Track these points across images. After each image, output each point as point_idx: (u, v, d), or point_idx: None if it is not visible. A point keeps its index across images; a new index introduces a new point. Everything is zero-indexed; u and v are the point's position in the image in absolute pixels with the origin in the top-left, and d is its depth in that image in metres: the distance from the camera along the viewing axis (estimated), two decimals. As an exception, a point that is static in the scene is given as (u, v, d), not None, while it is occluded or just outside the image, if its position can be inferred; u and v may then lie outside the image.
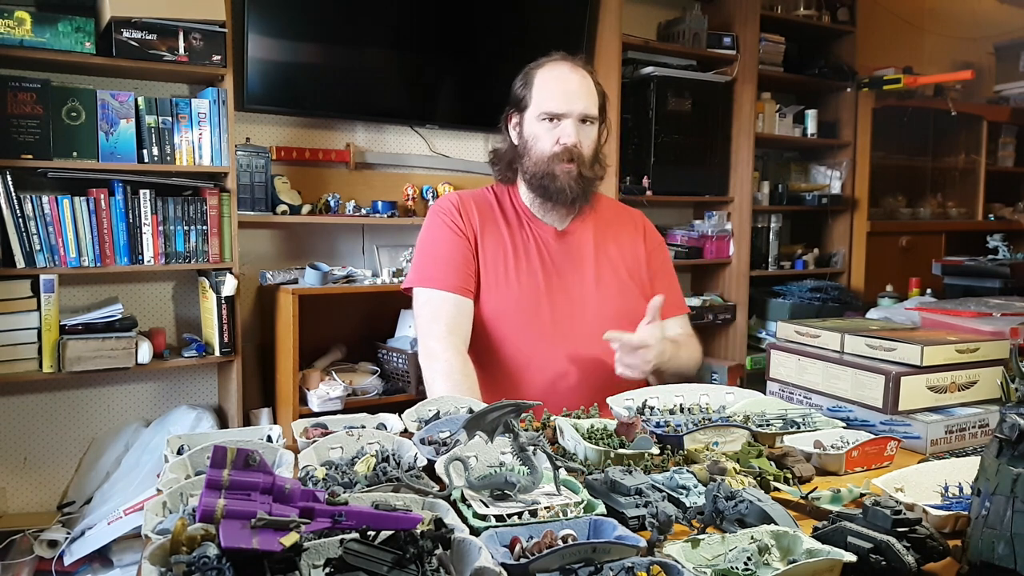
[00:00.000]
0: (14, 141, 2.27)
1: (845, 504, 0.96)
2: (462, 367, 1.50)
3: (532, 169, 1.61)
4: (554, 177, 1.59)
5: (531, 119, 1.62)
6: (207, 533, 0.69)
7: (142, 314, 2.68)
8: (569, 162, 1.58)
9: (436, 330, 1.55)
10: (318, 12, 2.77)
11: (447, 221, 1.64)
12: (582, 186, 1.61)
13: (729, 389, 1.40)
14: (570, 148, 1.58)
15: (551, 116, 1.59)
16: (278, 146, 2.87)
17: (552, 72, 1.62)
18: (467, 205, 1.67)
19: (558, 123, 1.59)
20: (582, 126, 1.60)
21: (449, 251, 1.61)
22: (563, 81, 1.60)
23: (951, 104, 4.10)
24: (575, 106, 1.58)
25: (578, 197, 1.62)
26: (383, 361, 2.86)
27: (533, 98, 1.61)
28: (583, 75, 1.62)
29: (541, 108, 1.60)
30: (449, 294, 1.57)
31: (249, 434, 1.14)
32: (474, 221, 1.64)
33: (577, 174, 1.59)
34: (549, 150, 1.59)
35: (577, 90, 1.60)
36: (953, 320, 1.63)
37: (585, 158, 1.61)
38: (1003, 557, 0.73)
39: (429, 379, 1.53)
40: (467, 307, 1.59)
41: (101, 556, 2.34)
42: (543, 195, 1.63)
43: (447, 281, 1.58)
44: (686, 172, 3.52)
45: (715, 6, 3.68)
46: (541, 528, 0.82)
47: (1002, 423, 0.77)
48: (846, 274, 3.97)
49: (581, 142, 1.60)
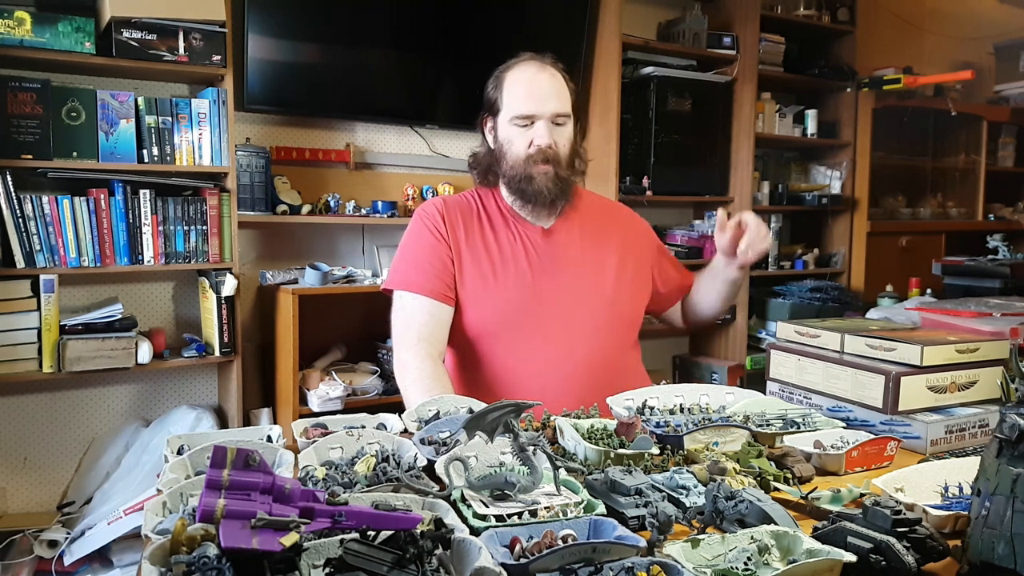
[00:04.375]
0: (14, 141, 2.27)
1: (845, 504, 0.96)
2: (433, 371, 1.50)
3: (509, 172, 1.61)
4: (531, 179, 1.58)
5: (504, 123, 1.61)
6: (207, 533, 0.69)
7: (142, 314, 2.68)
8: (544, 163, 1.58)
9: (407, 339, 1.56)
10: (318, 12, 2.77)
11: (429, 226, 1.63)
12: (560, 186, 1.60)
13: (729, 389, 1.40)
14: (544, 150, 1.57)
15: (523, 119, 1.58)
16: (278, 146, 2.87)
17: (521, 74, 1.60)
18: (452, 211, 1.66)
19: (531, 125, 1.58)
20: (555, 127, 1.59)
21: (428, 256, 1.60)
22: (532, 82, 1.59)
23: (951, 104, 4.10)
24: (545, 107, 1.57)
25: (557, 197, 1.62)
26: (383, 361, 2.86)
27: (504, 101, 1.60)
28: (552, 74, 1.60)
29: (512, 111, 1.59)
30: (424, 299, 1.57)
31: (249, 434, 1.14)
32: (458, 227, 1.64)
33: (554, 175, 1.58)
34: (524, 152, 1.59)
35: (547, 90, 1.58)
36: (953, 320, 1.63)
37: (561, 158, 1.60)
38: (1003, 557, 0.73)
39: (403, 388, 1.53)
40: (442, 313, 1.58)
41: (101, 556, 2.34)
42: (522, 197, 1.63)
43: (423, 286, 1.57)
44: (686, 172, 3.52)
45: (715, 6, 3.68)
46: (541, 528, 0.82)
47: (1002, 423, 0.76)
48: (846, 274, 3.97)
49: (556, 142, 1.58)
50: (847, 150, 3.95)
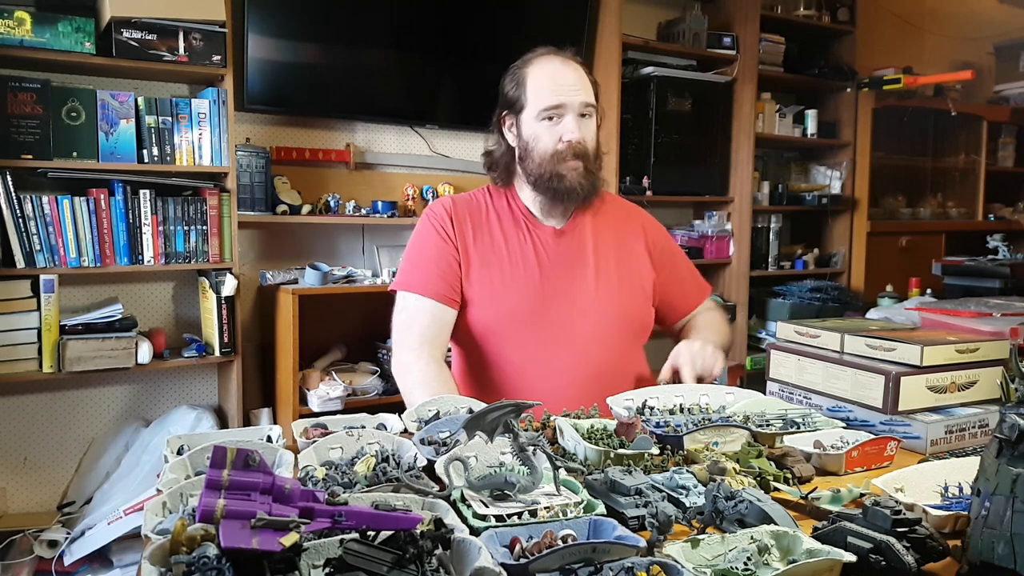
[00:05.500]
0: (14, 141, 2.27)
1: (845, 504, 0.96)
2: (438, 374, 1.47)
3: (536, 171, 1.56)
4: (561, 177, 1.53)
5: (529, 119, 1.55)
6: (207, 533, 0.69)
7: (142, 314, 2.68)
8: (575, 159, 1.53)
9: (408, 341, 1.54)
10: (318, 12, 2.77)
11: (437, 227, 1.60)
12: (591, 182, 1.56)
13: (729, 389, 1.39)
14: (574, 145, 1.52)
15: (551, 112, 1.53)
16: (278, 146, 2.87)
17: (545, 68, 1.55)
18: (460, 210, 1.63)
19: (559, 120, 1.53)
20: (583, 120, 1.54)
21: (434, 257, 1.58)
22: (558, 75, 1.54)
23: (951, 104, 4.10)
24: (575, 98, 1.52)
25: (589, 194, 1.58)
26: (383, 361, 2.86)
27: (529, 97, 1.55)
28: (576, 67, 1.56)
29: (539, 106, 1.53)
30: (428, 301, 1.54)
31: (249, 434, 1.14)
32: (466, 227, 1.60)
33: (584, 171, 1.54)
34: (552, 148, 1.53)
35: (574, 82, 1.53)
36: (953, 320, 1.63)
37: (590, 153, 1.55)
38: (1003, 557, 0.73)
39: (406, 390, 1.50)
40: (445, 315, 1.56)
41: (101, 556, 2.34)
42: (552, 196, 1.58)
43: (427, 287, 1.55)
44: (686, 172, 3.52)
45: (715, 6, 3.68)
46: (541, 528, 0.81)
47: (1002, 423, 0.76)
48: (846, 274, 3.97)
49: (584, 137, 1.54)
50: (847, 150, 3.95)
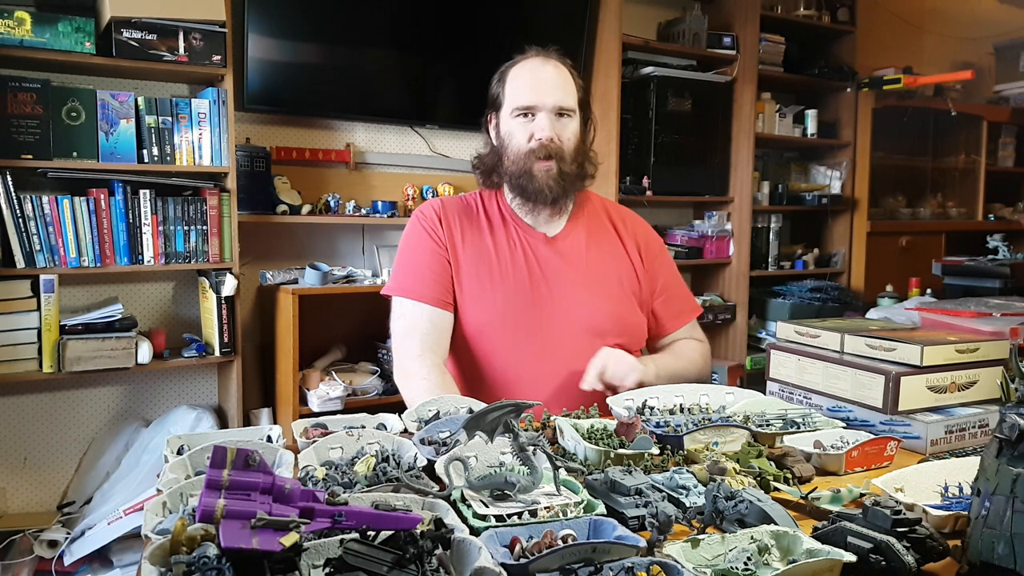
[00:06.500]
0: (14, 141, 2.27)
1: (845, 504, 0.96)
2: (441, 382, 1.46)
3: (511, 168, 1.55)
4: (532, 176, 1.52)
5: (506, 116, 1.56)
6: (207, 533, 0.69)
7: (142, 314, 2.68)
8: (547, 159, 1.51)
9: (410, 347, 1.53)
10: (318, 12, 2.77)
11: (427, 228, 1.60)
12: (563, 185, 1.54)
13: (729, 389, 1.39)
14: (546, 144, 1.51)
15: (524, 110, 1.53)
16: (278, 146, 2.87)
17: (524, 67, 1.56)
18: (449, 212, 1.62)
19: (532, 118, 1.53)
20: (558, 120, 1.53)
21: (428, 261, 1.57)
22: (534, 74, 1.54)
23: (951, 104, 4.10)
24: (547, 98, 1.51)
25: (559, 196, 1.55)
26: (383, 361, 2.86)
27: (506, 95, 1.56)
28: (556, 66, 1.56)
29: (513, 103, 1.54)
30: (425, 306, 1.54)
31: (249, 434, 1.14)
32: (455, 229, 1.60)
33: (557, 171, 1.52)
34: (525, 146, 1.52)
35: (550, 81, 1.52)
36: (953, 320, 1.63)
37: (565, 153, 1.53)
38: (1003, 557, 0.73)
39: (410, 398, 1.48)
40: (443, 320, 1.55)
41: (101, 556, 2.34)
42: (523, 195, 1.57)
43: (423, 293, 1.54)
44: (686, 172, 3.52)
45: (715, 6, 3.68)
46: (541, 528, 0.81)
47: (1002, 423, 0.76)
48: (846, 274, 3.97)
49: (559, 136, 1.52)
50: (847, 150, 3.95)
